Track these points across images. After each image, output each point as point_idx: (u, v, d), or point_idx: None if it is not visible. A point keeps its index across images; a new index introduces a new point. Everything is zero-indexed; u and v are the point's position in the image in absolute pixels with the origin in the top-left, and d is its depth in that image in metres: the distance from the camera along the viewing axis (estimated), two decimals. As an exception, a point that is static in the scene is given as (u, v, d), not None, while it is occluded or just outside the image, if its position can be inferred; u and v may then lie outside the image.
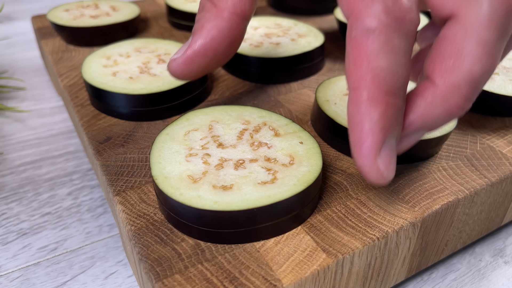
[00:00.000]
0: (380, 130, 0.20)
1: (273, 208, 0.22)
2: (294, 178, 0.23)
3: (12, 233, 0.32)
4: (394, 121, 0.20)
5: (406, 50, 0.20)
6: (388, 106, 0.20)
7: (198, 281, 0.20)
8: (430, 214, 0.25)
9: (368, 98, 0.20)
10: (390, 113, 0.20)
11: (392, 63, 0.20)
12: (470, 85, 0.21)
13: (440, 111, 0.21)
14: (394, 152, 0.21)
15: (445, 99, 0.21)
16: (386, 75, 0.19)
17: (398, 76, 0.20)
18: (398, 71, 0.20)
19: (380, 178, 0.20)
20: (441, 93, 0.21)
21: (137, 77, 0.33)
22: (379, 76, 0.19)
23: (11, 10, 0.75)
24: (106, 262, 0.30)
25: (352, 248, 0.22)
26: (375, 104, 0.19)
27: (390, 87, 0.20)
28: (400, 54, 0.20)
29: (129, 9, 0.47)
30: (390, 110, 0.20)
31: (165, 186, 0.23)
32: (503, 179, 0.28)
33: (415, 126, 0.22)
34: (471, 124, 0.32)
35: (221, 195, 0.22)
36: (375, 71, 0.19)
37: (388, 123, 0.20)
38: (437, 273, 0.30)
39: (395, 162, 0.21)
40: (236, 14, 0.25)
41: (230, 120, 0.27)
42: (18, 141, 0.42)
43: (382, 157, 0.20)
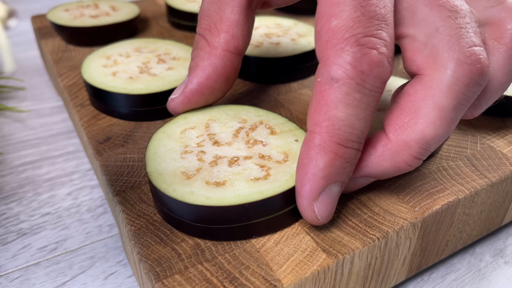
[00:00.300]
0: (322, 178, 0.20)
1: (265, 203, 0.22)
2: (287, 174, 0.23)
3: (12, 233, 0.32)
4: (340, 171, 0.21)
5: (367, 104, 0.20)
6: (336, 156, 0.20)
7: (198, 281, 0.20)
8: (430, 214, 0.25)
9: (319, 145, 0.20)
10: (337, 164, 0.20)
11: (349, 115, 0.20)
12: (421, 145, 0.21)
13: (388, 164, 0.22)
14: (334, 199, 0.22)
15: (394, 154, 0.22)
16: (342, 126, 0.20)
17: (353, 129, 0.20)
18: (354, 124, 0.20)
19: (314, 220, 0.22)
20: (391, 148, 0.22)
21: (137, 77, 0.33)
22: (334, 126, 0.20)
23: (11, 10, 0.75)
24: (106, 262, 0.30)
25: (352, 248, 0.22)
26: (324, 152, 0.20)
27: (343, 138, 0.20)
28: (360, 107, 0.20)
29: (129, 9, 0.47)
30: (338, 161, 0.20)
31: (159, 182, 0.23)
32: (504, 179, 0.28)
33: (361, 173, 0.23)
34: (472, 124, 0.32)
35: (214, 191, 0.22)
36: (331, 120, 0.20)
37: (333, 172, 0.20)
38: (437, 273, 0.30)
39: (333, 207, 0.22)
40: (229, 51, 0.26)
41: (227, 119, 0.27)
42: (17, 141, 0.42)
43: (319, 202, 0.21)
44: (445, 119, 0.21)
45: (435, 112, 0.21)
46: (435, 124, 0.21)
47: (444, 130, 0.21)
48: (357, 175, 0.23)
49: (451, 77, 0.20)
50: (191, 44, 0.44)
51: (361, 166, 0.23)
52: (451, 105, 0.20)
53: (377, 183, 0.26)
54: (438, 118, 0.21)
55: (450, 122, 0.21)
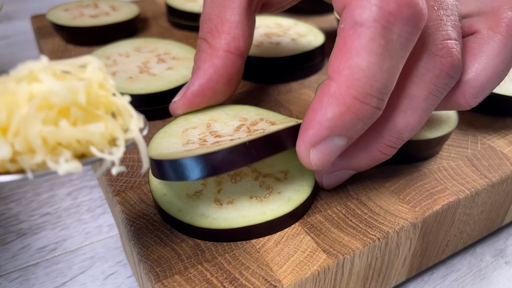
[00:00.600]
0: (326, 128, 0.19)
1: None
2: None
3: (12, 233, 0.32)
4: (348, 126, 0.19)
5: (393, 52, 0.18)
6: (348, 111, 0.19)
7: (198, 281, 0.20)
8: (431, 215, 0.25)
9: (333, 93, 0.19)
10: (346, 119, 0.19)
11: (372, 65, 0.18)
12: (392, 134, 0.21)
13: (362, 155, 0.22)
14: (334, 151, 0.20)
15: (367, 144, 0.22)
16: (362, 76, 0.18)
17: (374, 81, 0.18)
18: (376, 75, 0.18)
19: (307, 164, 0.21)
20: (364, 138, 0.22)
21: (137, 77, 0.33)
22: (354, 76, 0.18)
23: (11, 10, 0.75)
24: (106, 262, 0.30)
25: (352, 249, 0.22)
26: (336, 103, 0.19)
27: (361, 91, 0.18)
28: (385, 56, 0.18)
29: (129, 9, 0.47)
30: (348, 116, 0.19)
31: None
32: (504, 179, 0.28)
33: (339, 166, 0.23)
34: (472, 124, 0.32)
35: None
36: (351, 68, 0.18)
37: (340, 126, 0.19)
38: (437, 273, 0.30)
39: (330, 158, 0.20)
40: (231, 52, 0.26)
41: (228, 119, 0.27)
42: (17, 141, 0.42)
43: (316, 150, 0.20)
44: (415, 109, 0.21)
45: (405, 101, 0.21)
46: (405, 113, 0.21)
47: (415, 120, 0.21)
48: (334, 169, 0.23)
49: (422, 68, 0.20)
50: (191, 44, 0.44)
51: (338, 160, 0.23)
52: (421, 95, 0.21)
53: (377, 183, 0.26)
54: (409, 108, 0.21)
55: (422, 112, 0.21)
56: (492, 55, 0.22)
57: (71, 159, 0.15)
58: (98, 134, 0.15)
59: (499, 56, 0.22)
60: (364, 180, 0.27)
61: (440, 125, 0.28)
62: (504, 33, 0.22)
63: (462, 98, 0.23)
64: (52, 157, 0.14)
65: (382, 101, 0.19)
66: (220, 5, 0.25)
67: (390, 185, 0.26)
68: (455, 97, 0.23)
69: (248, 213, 0.22)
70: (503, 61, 0.22)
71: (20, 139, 0.14)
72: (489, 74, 0.22)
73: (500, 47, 0.22)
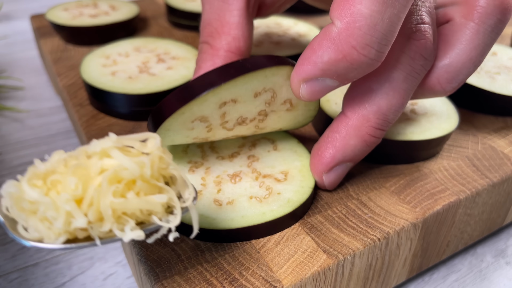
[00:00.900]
0: (319, 69, 0.21)
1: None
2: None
3: (11, 233, 0.32)
4: (341, 72, 0.20)
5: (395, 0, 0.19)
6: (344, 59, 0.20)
7: (198, 282, 0.20)
8: (431, 215, 0.24)
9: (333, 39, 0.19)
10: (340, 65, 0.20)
11: (374, 13, 0.19)
12: (378, 116, 0.23)
13: (354, 141, 0.23)
14: (323, 89, 0.22)
15: (357, 130, 0.23)
16: (363, 25, 0.19)
17: (375, 31, 0.19)
18: (377, 24, 0.19)
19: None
20: (352, 125, 0.23)
21: (137, 77, 0.33)
22: (355, 24, 0.19)
23: (10, 10, 0.75)
24: (105, 263, 0.30)
25: (353, 249, 0.22)
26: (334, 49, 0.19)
27: (361, 41, 0.19)
28: (387, 4, 0.19)
29: (128, 8, 0.47)
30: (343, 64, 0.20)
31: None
32: (505, 179, 0.27)
33: (336, 159, 0.24)
34: (473, 124, 0.32)
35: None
36: (353, 16, 0.19)
37: (333, 70, 0.20)
38: (438, 274, 0.30)
39: (319, 94, 0.22)
40: (231, 51, 0.26)
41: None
42: (16, 141, 0.42)
43: (307, 85, 0.21)
44: (397, 90, 0.22)
45: (386, 84, 0.22)
46: (388, 95, 0.22)
47: (397, 100, 0.23)
48: (332, 165, 0.24)
49: (398, 50, 0.22)
50: (191, 43, 0.44)
51: (334, 153, 0.24)
52: (401, 77, 0.22)
53: (377, 184, 0.26)
54: (390, 89, 0.22)
55: (403, 93, 0.23)
56: (465, 42, 0.23)
57: (135, 228, 0.16)
58: (159, 204, 0.17)
59: (472, 42, 0.23)
60: (364, 180, 0.27)
61: (441, 125, 0.28)
62: (476, 20, 0.23)
63: (437, 84, 0.24)
64: (118, 226, 0.16)
65: (380, 53, 0.20)
66: (219, 9, 0.26)
67: (391, 185, 0.26)
68: (431, 83, 0.24)
69: (247, 214, 0.22)
70: (476, 47, 0.23)
71: (93, 209, 0.16)
72: (463, 59, 0.23)
73: (473, 34, 0.23)
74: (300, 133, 0.31)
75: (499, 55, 0.38)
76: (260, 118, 0.24)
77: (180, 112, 0.21)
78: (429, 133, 0.27)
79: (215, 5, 0.27)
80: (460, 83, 0.24)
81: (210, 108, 0.22)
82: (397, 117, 0.23)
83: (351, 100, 0.23)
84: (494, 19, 0.23)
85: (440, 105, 0.31)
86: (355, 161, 0.24)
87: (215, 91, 0.21)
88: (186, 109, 0.21)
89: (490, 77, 0.34)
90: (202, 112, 0.22)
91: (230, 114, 0.23)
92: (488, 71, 0.35)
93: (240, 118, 0.24)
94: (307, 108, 0.26)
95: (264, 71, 0.22)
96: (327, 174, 0.24)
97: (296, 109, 0.25)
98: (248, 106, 0.23)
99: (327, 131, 0.24)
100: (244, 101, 0.23)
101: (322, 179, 0.24)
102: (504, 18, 0.23)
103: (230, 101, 0.22)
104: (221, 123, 0.23)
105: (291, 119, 0.26)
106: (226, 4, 0.26)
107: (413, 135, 0.27)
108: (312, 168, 0.25)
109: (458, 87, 0.24)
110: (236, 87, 0.22)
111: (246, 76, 0.21)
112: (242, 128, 0.25)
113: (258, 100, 0.23)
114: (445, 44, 0.24)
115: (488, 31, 0.23)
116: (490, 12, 0.22)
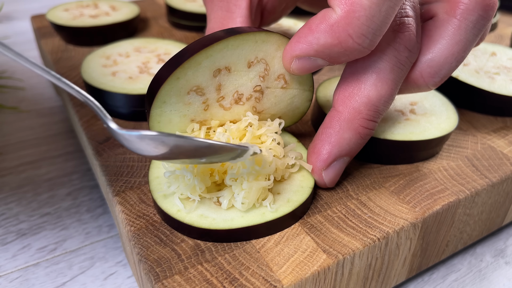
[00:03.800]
0: (315, 50, 0.22)
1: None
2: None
3: (12, 233, 0.32)
4: (334, 56, 0.22)
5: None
6: (339, 44, 0.21)
7: (198, 282, 0.20)
8: (431, 215, 0.25)
9: (332, 25, 0.21)
10: (335, 50, 0.21)
11: (373, 5, 0.20)
12: (369, 107, 0.23)
13: (349, 135, 0.24)
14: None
15: (350, 123, 0.23)
16: (362, 15, 0.20)
17: (371, 22, 0.20)
18: (375, 16, 0.20)
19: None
20: (345, 119, 0.23)
21: (137, 77, 0.33)
22: (354, 14, 0.20)
23: (11, 10, 0.75)
24: (106, 262, 0.30)
25: (352, 249, 0.22)
26: (332, 35, 0.21)
27: (358, 30, 0.20)
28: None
29: (129, 9, 0.47)
30: (337, 48, 0.21)
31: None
32: (504, 179, 0.28)
33: (333, 155, 0.24)
34: (472, 124, 0.32)
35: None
36: (354, 5, 0.20)
37: (326, 53, 0.22)
38: (437, 273, 0.30)
39: (308, 71, 0.23)
40: None
41: None
42: (17, 141, 0.42)
43: (299, 61, 0.23)
44: (385, 80, 0.23)
45: (374, 75, 0.23)
46: (376, 86, 0.23)
47: (386, 91, 0.23)
48: (329, 161, 0.24)
49: (384, 43, 0.23)
50: (191, 44, 0.44)
51: (330, 149, 0.24)
52: (387, 67, 0.23)
53: (377, 184, 0.26)
54: (378, 80, 0.23)
55: (391, 83, 0.23)
56: (448, 37, 0.24)
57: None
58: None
59: (454, 38, 0.24)
60: (364, 180, 0.27)
61: (440, 125, 0.28)
62: (458, 16, 0.23)
63: (420, 78, 0.25)
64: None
65: (373, 43, 0.21)
66: (223, 18, 0.27)
67: (390, 185, 0.26)
68: (414, 77, 0.25)
69: (247, 214, 0.22)
70: (458, 42, 0.24)
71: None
72: (445, 54, 0.24)
73: (455, 30, 0.24)
74: (300, 133, 0.31)
75: (499, 55, 0.38)
76: (257, 96, 0.24)
77: (174, 77, 0.22)
78: (428, 133, 0.28)
79: (219, 14, 0.28)
80: (443, 78, 0.25)
81: (205, 75, 0.23)
82: (387, 108, 0.24)
83: (341, 95, 0.24)
84: (476, 15, 0.23)
85: (439, 105, 0.31)
86: (352, 154, 0.25)
87: (208, 53, 0.22)
88: (181, 73, 0.22)
89: (490, 77, 0.34)
90: (197, 79, 0.23)
91: (225, 87, 0.24)
92: (488, 72, 0.35)
93: (236, 93, 0.24)
94: (301, 88, 0.26)
95: (254, 35, 0.23)
96: (326, 171, 0.24)
97: (291, 87, 0.25)
98: (242, 78, 0.24)
99: (321, 128, 0.24)
100: (238, 70, 0.23)
101: (322, 176, 0.24)
102: (486, 14, 0.23)
103: (224, 69, 0.23)
104: (217, 99, 0.24)
105: (288, 103, 0.26)
106: (229, 13, 0.27)
107: (413, 135, 0.27)
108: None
109: (441, 82, 0.25)
110: (228, 50, 0.22)
111: (237, 38, 0.22)
112: (239, 109, 0.25)
113: (251, 72, 0.24)
114: (428, 40, 0.24)
115: (470, 27, 0.23)
116: (472, 8, 0.23)
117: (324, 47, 0.21)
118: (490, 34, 0.49)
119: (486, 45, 0.40)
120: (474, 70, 0.35)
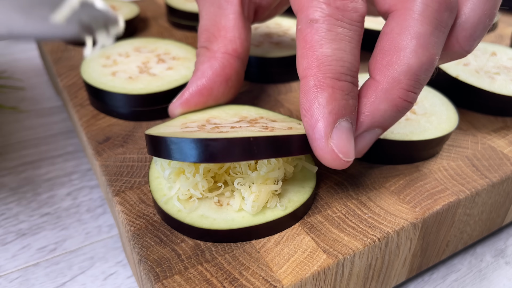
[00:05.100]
0: (328, 113, 0.20)
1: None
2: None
3: (11, 233, 0.32)
4: (344, 104, 0.21)
5: (351, 37, 0.21)
6: (334, 90, 0.20)
7: (198, 282, 0.20)
8: (431, 215, 0.25)
9: (314, 85, 0.20)
10: (337, 96, 0.20)
11: (336, 50, 0.20)
12: (409, 77, 0.21)
13: (385, 106, 0.22)
14: (349, 135, 0.21)
15: (387, 93, 0.22)
16: (331, 61, 0.20)
17: (343, 61, 0.21)
18: (343, 57, 0.20)
19: (336, 159, 0.21)
20: (382, 89, 0.22)
21: (137, 77, 0.33)
22: (324, 64, 0.20)
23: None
24: (106, 262, 0.30)
25: (352, 249, 0.22)
26: (321, 89, 0.20)
27: (336, 72, 0.20)
28: (345, 41, 0.21)
29: (129, 9, 0.47)
30: (338, 94, 0.20)
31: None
32: (504, 179, 0.28)
33: (365, 125, 0.22)
34: (472, 124, 0.32)
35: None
36: (320, 59, 0.20)
37: (337, 105, 0.20)
38: (438, 273, 0.30)
39: (352, 144, 0.21)
40: (228, 53, 0.27)
41: (228, 116, 0.27)
42: (17, 141, 0.42)
43: (335, 139, 0.20)
44: (425, 46, 0.21)
45: (414, 41, 0.21)
46: (417, 52, 0.21)
47: (427, 57, 0.22)
48: (361, 130, 0.22)
49: (422, 4, 0.21)
50: (191, 44, 0.44)
51: (362, 119, 0.22)
52: (428, 31, 0.21)
53: (377, 183, 0.26)
54: (419, 46, 0.21)
55: (432, 48, 0.22)
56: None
57: None
58: None
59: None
60: (364, 180, 0.27)
61: (440, 125, 0.28)
62: None
63: (456, 44, 0.23)
64: None
65: (355, 78, 0.21)
66: (215, 15, 0.27)
67: (390, 185, 0.26)
68: (450, 44, 0.23)
69: (248, 214, 0.22)
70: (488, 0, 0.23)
71: None
72: (478, 14, 0.23)
73: None
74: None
75: (499, 55, 0.38)
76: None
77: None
78: (428, 133, 0.28)
79: (211, 11, 0.27)
80: (478, 40, 0.23)
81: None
82: (428, 78, 0.22)
83: (379, 64, 0.22)
84: None
85: (439, 105, 0.31)
86: (385, 127, 0.23)
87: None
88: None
89: (490, 77, 0.34)
90: None
91: None
92: (488, 71, 0.35)
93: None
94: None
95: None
96: (356, 141, 0.23)
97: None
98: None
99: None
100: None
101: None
102: None
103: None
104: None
105: None
106: (221, 9, 0.27)
107: (413, 135, 0.27)
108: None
109: (476, 45, 0.24)
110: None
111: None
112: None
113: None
114: (460, 3, 0.23)
115: None
116: None
117: (330, 102, 0.20)
118: (490, 34, 0.49)
119: (486, 45, 0.40)
120: (474, 70, 0.35)
